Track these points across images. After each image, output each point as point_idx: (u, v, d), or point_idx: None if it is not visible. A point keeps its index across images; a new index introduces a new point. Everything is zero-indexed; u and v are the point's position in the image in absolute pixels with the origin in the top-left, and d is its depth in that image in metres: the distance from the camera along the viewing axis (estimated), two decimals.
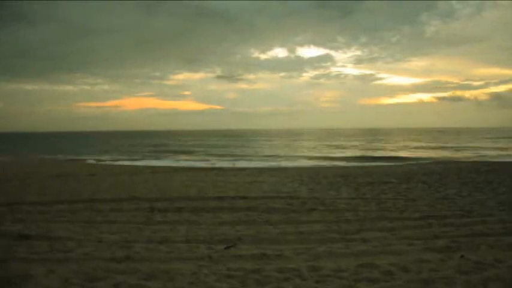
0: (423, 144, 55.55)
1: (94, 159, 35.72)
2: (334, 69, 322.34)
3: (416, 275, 5.14)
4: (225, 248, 6.39)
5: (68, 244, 6.60)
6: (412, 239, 6.85)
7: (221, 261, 5.73)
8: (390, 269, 5.30)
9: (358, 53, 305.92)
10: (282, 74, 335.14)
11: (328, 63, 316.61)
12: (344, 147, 51.72)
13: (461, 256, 5.80)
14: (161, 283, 4.91)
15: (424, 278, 4.97)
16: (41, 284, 4.83)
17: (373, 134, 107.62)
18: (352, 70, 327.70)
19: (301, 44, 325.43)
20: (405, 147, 50.05)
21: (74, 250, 6.29)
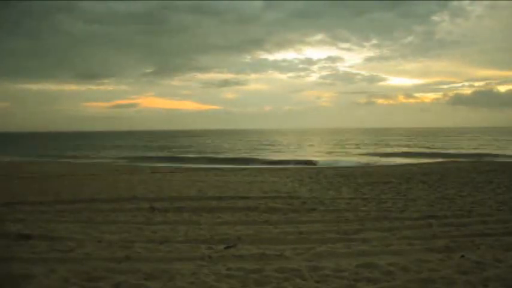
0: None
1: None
2: (343, 70, 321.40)
3: (416, 275, 5.14)
4: (225, 248, 6.39)
5: (68, 244, 6.59)
6: (412, 239, 6.85)
7: (221, 261, 5.73)
8: (390, 269, 5.30)
9: (371, 53, 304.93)
10: (290, 74, 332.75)
11: (338, 64, 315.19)
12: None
13: (461, 256, 5.80)
14: (161, 283, 4.91)
15: (424, 278, 4.97)
16: (41, 283, 4.83)
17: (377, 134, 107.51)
18: (362, 71, 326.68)
19: (312, 45, 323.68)
20: None
21: (74, 250, 6.29)
